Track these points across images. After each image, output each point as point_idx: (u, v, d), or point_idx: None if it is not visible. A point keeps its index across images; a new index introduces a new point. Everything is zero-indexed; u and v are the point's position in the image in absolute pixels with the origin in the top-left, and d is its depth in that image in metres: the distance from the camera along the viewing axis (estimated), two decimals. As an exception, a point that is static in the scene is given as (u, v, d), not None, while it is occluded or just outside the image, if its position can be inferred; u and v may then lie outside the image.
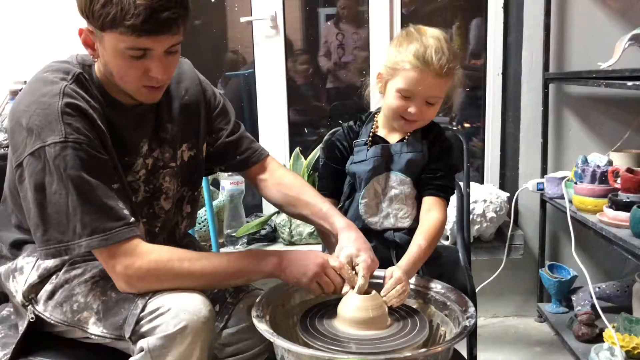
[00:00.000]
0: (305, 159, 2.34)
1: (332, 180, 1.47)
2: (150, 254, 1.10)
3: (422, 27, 1.34)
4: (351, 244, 1.22)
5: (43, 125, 1.06)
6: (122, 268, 1.09)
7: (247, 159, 1.41)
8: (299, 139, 2.58)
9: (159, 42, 1.07)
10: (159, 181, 1.26)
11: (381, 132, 1.44)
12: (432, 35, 1.30)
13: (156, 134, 1.25)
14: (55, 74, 1.12)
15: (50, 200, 1.06)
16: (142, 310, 1.08)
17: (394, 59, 1.32)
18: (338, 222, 1.28)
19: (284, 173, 1.43)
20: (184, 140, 1.31)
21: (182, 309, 1.06)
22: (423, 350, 1.03)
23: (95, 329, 1.13)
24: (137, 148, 1.22)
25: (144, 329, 1.08)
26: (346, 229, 1.26)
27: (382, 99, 1.41)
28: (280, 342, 1.02)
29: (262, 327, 1.08)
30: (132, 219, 1.11)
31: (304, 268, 1.14)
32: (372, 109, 1.52)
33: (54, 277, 1.19)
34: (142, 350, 1.07)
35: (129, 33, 1.03)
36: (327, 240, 1.36)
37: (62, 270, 1.19)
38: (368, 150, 1.40)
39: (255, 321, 1.10)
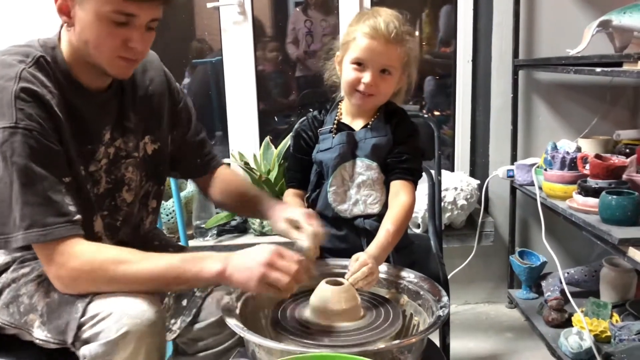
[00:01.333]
0: (276, 148, 2.30)
1: (300, 171, 1.46)
2: (84, 255, 1.02)
3: (376, 7, 1.37)
4: (284, 212, 1.23)
5: None
6: (56, 267, 1.02)
7: (208, 164, 1.40)
8: (269, 127, 2.54)
9: (144, 10, 1.04)
10: (121, 171, 1.21)
11: (345, 119, 1.44)
12: (385, 13, 1.34)
13: (119, 123, 1.20)
14: (14, 57, 1.06)
15: None
16: (83, 314, 1.02)
17: (348, 30, 1.36)
18: (267, 202, 1.29)
19: (227, 171, 1.43)
20: (147, 131, 1.26)
21: (124, 313, 1.00)
22: (396, 342, 1.01)
23: (39, 333, 1.06)
24: (99, 136, 1.16)
25: (86, 335, 1.02)
26: (275, 205, 1.28)
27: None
28: (250, 337, 0.99)
29: (232, 322, 1.04)
30: (78, 217, 1.04)
31: (249, 271, 1.03)
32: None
33: (2, 276, 1.13)
34: (84, 358, 1.01)
35: None
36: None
37: (10, 269, 1.13)
38: (333, 137, 1.40)
39: (224, 315, 1.07)
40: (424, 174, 1.82)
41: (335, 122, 1.42)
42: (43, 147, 1.01)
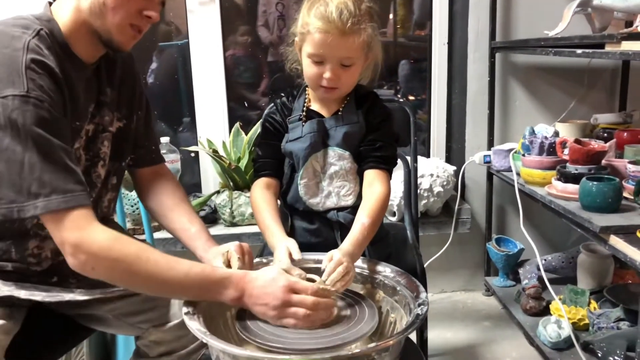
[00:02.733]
0: (246, 134, 2.21)
1: (272, 157, 1.35)
2: (105, 241, 0.97)
3: None
4: (218, 248, 1.17)
5: (2, 77, 0.95)
6: (73, 246, 0.96)
7: (159, 153, 1.34)
8: (239, 113, 2.44)
9: None
10: (97, 146, 1.17)
11: (314, 106, 1.34)
12: None
13: (98, 98, 1.16)
14: (15, 29, 1.00)
15: (0, 158, 0.94)
16: None
17: (302, 21, 1.24)
18: (203, 244, 1.21)
19: (171, 183, 1.35)
20: (116, 108, 1.21)
21: None
22: (372, 345, 0.94)
23: None
24: (86, 113, 1.12)
25: None
26: (209, 248, 1.19)
27: None
28: (214, 343, 0.91)
29: (194, 326, 0.96)
30: (88, 188, 1.01)
31: (264, 308, 1.00)
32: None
33: None
34: None
35: None
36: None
37: None
38: (303, 126, 1.30)
39: (186, 319, 0.99)
40: (399, 160, 1.75)
41: (305, 109, 1.33)
42: (54, 118, 0.98)
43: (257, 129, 2.15)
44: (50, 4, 1.11)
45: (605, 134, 2.05)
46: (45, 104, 0.96)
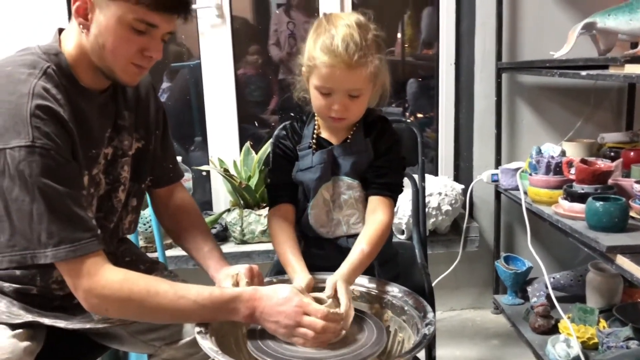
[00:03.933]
0: (257, 153, 2.24)
1: (287, 182, 1.34)
2: (114, 283, 1.01)
3: (334, 15, 1.24)
4: (228, 269, 1.19)
5: (8, 126, 0.97)
6: (85, 291, 1.01)
7: (176, 171, 1.36)
8: (250, 132, 2.49)
9: (166, 22, 1.05)
10: (117, 171, 1.19)
11: (324, 133, 1.34)
12: (342, 24, 1.19)
13: (116, 122, 1.18)
14: (21, 69, 1.02)
15: (12, 207, 0.98)
16: None
17: (308, 54, 1.24)
18: (215, 263, 1.24)
19: (187, 201, 1.38)
20: (135, 130, 1.24)
21: None
22: (380, 364, 0.97)
23: None
24: (102, 139, 1.14)
25: None
26: (220, 268, 1.22)
27: None
28: (225, 362, 0.94)
29: (207, 345, 0.99)
30: (99, 231, 1.04)
31: (275, 325, 1.04)
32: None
33: None
34: None
35: (143, 5, 1.01)
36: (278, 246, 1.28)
37: None
38: (313, 154, 1.31)
39: (198, 337, 1.01)
40: (408, 180, 1.77)
41: (315, 136, 1.33)
42: (61, 165, 1.00)
43: (267, 148, 2.19)
44: (61, 31, 1.13)
45: (612, 153, 2.07)
46: (51, 152, 0.98)
